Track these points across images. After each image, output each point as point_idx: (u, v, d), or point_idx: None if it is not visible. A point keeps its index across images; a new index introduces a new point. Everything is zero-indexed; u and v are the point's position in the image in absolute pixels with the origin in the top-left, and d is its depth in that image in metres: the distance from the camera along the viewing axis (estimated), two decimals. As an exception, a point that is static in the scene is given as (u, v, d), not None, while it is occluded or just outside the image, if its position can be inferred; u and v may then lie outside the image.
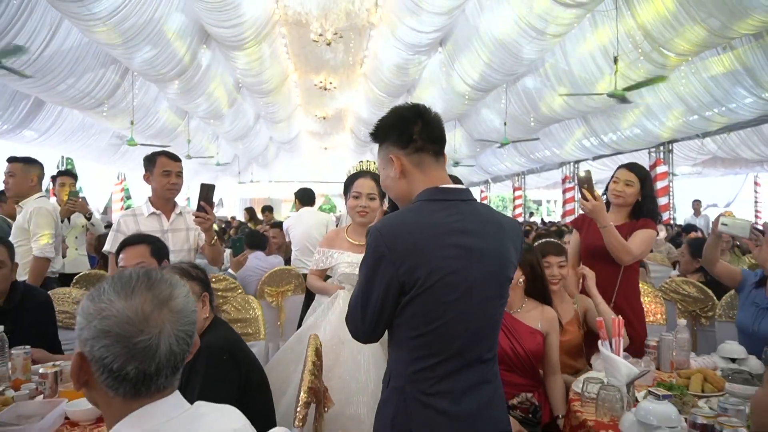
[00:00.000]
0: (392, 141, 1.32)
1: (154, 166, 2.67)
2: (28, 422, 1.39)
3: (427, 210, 1.25)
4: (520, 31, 7.40)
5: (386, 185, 1.37)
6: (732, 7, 5.39)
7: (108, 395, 0.83)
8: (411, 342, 1.23)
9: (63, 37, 7.26)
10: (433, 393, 1.21)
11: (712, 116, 8.20)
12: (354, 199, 2.32)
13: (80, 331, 0.82)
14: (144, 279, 0.84)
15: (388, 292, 1.20)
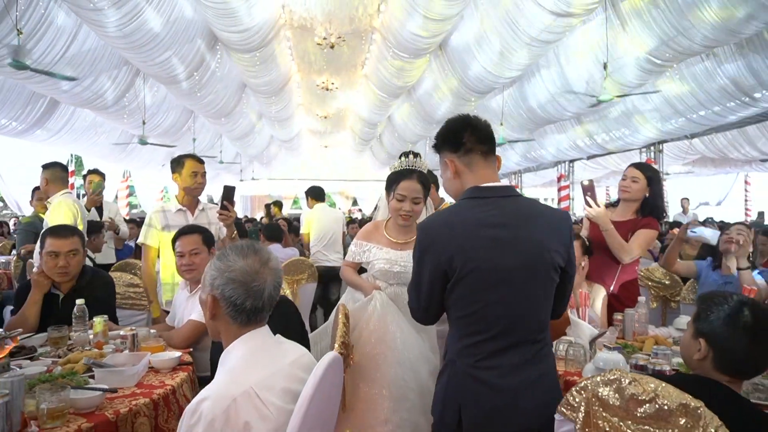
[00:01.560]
0: (447, 147, 1.52)
1: (183, 168, 3.09)
2: (124, 367, 1.80)
3: (466, 207, 1.43)
4: (515, 37, 7.79)
5: (446, 186, 1.57)
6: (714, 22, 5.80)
7: (229, 323, 1.24)
8: (459, 321, 1.41)
9: (81, 40, 7.66)
10: (479, 367, 1.37)
11: (697, 119, 8.62)
12: (398, 201, 2.23)
13: (213, 280, 1.23)
14: (251, 247, 1.25)
15: (434, 279, 1.40)
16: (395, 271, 2.27)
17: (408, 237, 2.30)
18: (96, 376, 1.73)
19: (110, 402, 1.59)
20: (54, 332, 2.23)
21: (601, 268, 2.63)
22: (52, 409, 1.41)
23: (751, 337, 1.31)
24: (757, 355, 1.33)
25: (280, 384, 1.20)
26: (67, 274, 2.47)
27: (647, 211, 2.67)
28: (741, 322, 1.33)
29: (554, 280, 1.43)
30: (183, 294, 2.59)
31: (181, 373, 1.91)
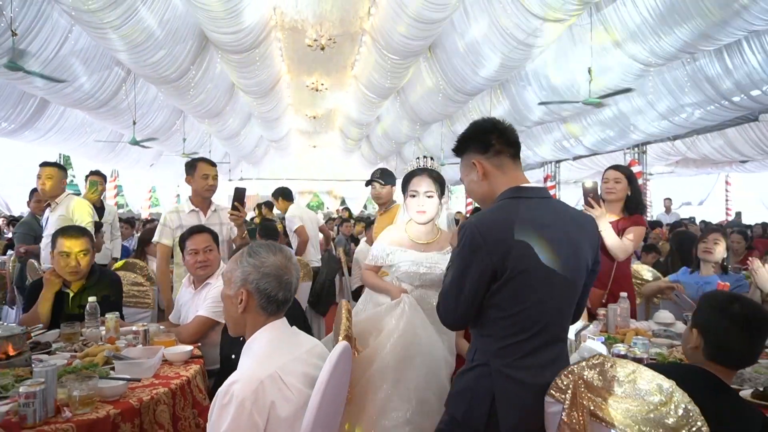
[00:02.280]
0: (473, 149, 1.50)
1: (195, 171, 3.20)
2: (142, 360, 1.91)
3: (513, 207, 1.42)
4: (503, 41, 7.97)
5: (470, 189, 1.55)
6: (693, 26, 6.01)
7: (258, 314, 1.37)
8: (499, 322, 1.40)
9: (73, 41, 7.69)
10: (516, 366, 1.38)
11: (678, 121, 8.87)
12: (411, 198, 2.28)
13: (247, 276, 1.36)
14: (276, 245, 1.38)
15: (482, 278, 1.37)
16: (421, 272, 2.28)
17: (430, 237, 2.33)
18: (116, 368, 1.84)
19: (132, 391, 1.71)
20: (67, 328, 2.33)
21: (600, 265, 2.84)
22: (83, 397, 1.52)
23: (740, 328, 1.45)
24: (745, 345, 1.47)
25: (299, 369, 1.33)
26: (77, 273, 2.58)
27: (632, 209, 2.85)
28: (731, 314, 1.47)
29: (583, 283, 1.48)
30: (187, 292, 2.70)
31: (193, 365, 2.03)
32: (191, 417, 1.86)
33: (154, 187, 21.06)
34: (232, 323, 1.43)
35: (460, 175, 1.61)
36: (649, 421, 1.22)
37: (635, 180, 2.92)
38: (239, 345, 1.78)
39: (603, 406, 1.30)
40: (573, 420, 1.34)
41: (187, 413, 1.84)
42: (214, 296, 2.47)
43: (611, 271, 2.82)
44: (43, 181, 3.73)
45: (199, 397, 1.96)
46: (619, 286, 2.78)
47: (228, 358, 2.12)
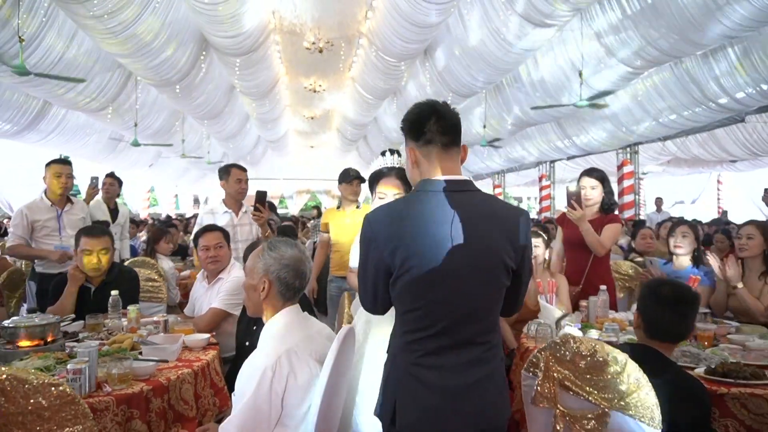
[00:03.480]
0: (409, 134, 1.44)
1: (229, 176, 3.46)
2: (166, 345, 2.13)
3: (416, 200, 1.36)
4: (496, 45, 8.20)
5: (408, 176, 1.51)
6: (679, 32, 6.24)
7: (277, 299, 1.59)
8: (402, 316, 1.36)
9: (77, 45, 7.88)
10: (420, 365, 1.32)
11: (668, 122, 9.11)
12: (380, 200, 2.21)
13: (269, 267, 1.58)
14: (292, 242, 1.60)
15: (378, 272, 1.35)
16: None
17: None
18: (144, 352, 2.06)
19: (160, 371, 1.92)
20: (91, 320, 2.55)
21: (577, 261, 3.09)
22: (120, 375, 1.74)
23: (669, 307, 1.69)
24: (675, 323, 1.72)
25: (311, 346, 1.55)
26: (99, 269, 2.79)
27: (606, 208, 3.14)
28: (661, 296, 1.72)
29: (504, 283, 1.37)
30: (201, 286, 2.92)
31: (211, 351, 2.25)
32: (210, 396, 2.08)
33: (152, 187, 21.22)
34: (252, 308, 1.65)
35: None
36: (606, 388, 1.45)
37: (608, 182, 3.20)
38: (253, 333, 2.01)
39: (570, 378, 1.53)
40: (546, 390, 1.57)
41: (206, 392, 2.06)
42: (226, 290, 2.69)
43: (586, 267, 3.07)
44: (65, 179, 3.76)
45: (216, 379, 2.18)
46: (599, 279, 3.02)
47: (243, 345, 2.34)
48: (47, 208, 3.70)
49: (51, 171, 3.73)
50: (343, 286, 3.74)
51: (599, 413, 1.49)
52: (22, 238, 3.59)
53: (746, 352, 2.11)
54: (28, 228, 3.59)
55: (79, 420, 1.22)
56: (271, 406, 1.41)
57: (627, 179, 12.05)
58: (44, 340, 2.05)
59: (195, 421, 1.92)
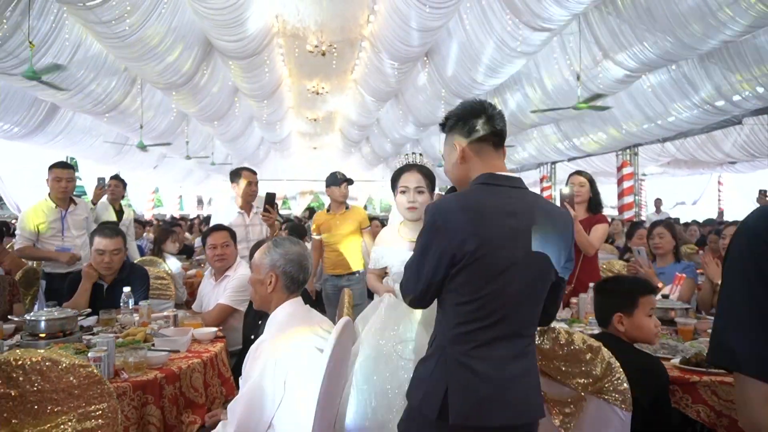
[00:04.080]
0: (457, 130, 1.47)
1: (240, 178, 3.61)
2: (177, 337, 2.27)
3: (482, 192, 1.40)
4: (496, 47, 8.33)
5: (447, 170, 1.53)
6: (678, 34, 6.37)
7: (282, 292, 1.73)
8: (457, 308, 1.36)
9: (85, 49, 8.05)
10: (472, 356, 1.33)
11: (666, 124, 9.23)
12: (401, 194, 2.23)
13: (275, 262, 1.72)
14: (296, 239, 1.74)
15: (441, 261, 1.34)
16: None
17: None
18: (156, 343, 2.20)
19: (172, 361, 2.07)
20: (104, 315, 2.69)
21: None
22: (136, 363, 1.88)
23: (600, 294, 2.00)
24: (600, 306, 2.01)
25: (312, 335, 1.69)
26: (110, 268, 2.93)
27: (593, 208, 3.27)
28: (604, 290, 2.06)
29: (551, 279, 1.43)
30: (209, 283, 3.06)
31: (218, 343, 2.39)
32: (218, 385, 2.22)
33: (157, 188, 21.41)
34: (259, 301, 1.79)
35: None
36: (581, 373, 1.58)
37: (595, 183, 3.35)
38: (258, 327, 2.15)
39: (550, 365, 1.67)
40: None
41: (214, 381, 2.20)
42: (233, 287, 2.83)
43: (577, 267, 3.19)
44: (65, 184, 3.91)
45: (223, 370, 2.32)
46: (588, 277, 3.14)
47: (248, 339, 2.47)
48: (51, 209, 3.84)
49: (52, 175, 3.88)
50: (338, 284, 3.89)
51: (576, 397, 1.62)
52: (29, 240, 3.73)
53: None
54: (34, 230, 3.73)
55: (104, 399, 1.36)
56: (275, 388, 1.55)
57: (627, 180, 12.16)
58: (63, 332, 2.20)
59: (204, 408, 2.06)
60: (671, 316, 2.63)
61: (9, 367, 1.25)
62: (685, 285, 3.13)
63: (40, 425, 1.26)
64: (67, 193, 3.93)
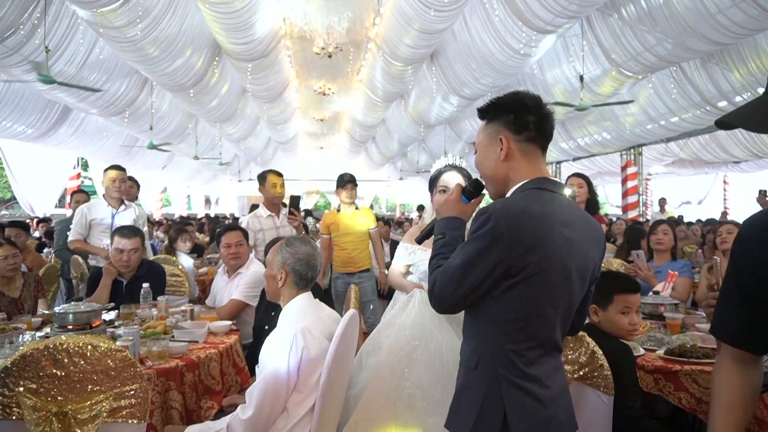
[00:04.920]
0: (506, 123, 1.32)
1: (266, 181, 3.74)
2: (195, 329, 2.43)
3: (540, 199, 1.27)
4: (500, 49, 8.46)
5: (483, 163, 1.37)
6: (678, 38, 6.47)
7: (292, 288, 1.88)
8: (509, 325, 1.24)
9: (97, 53, 8.26)
10: (526, 376, 1.23)
11: (669, 125, 9.33)
12: (441, 194, 2.23)
13: (285, 260, 1.87)
14: (305, 239, 1.89)
15: (494, 271, 1.21)
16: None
17: None
18: (176, 335, 2.36)
19: (191, 351, 2.22)
20: (125, 309, 2.86)
21: None
22: (159, 351, 2.04)
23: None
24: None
25: (321, 326, 1.84)
26: (129, 266, 3.10)
27: (591, 208, 3.40)
28: None
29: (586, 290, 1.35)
30: (222, 279, 3.23)
31: (233, 336, 2.55)
32: (233, 374, 2.38)
33: (166, 188, 21.65)
34: (271, 293, 1.94)
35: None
36: (568, 361, 1.72)
37: (592, 184, 3.48)
38: (272, 318, 2.31)
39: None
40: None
41: (230, 370, 2.36)
42: (245, 283, 3.00)
43: None
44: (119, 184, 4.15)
45: (237, 360, 2.48)
46: None
47: (262, 329, 2.62)
48: (104, 208, 4.08)
49: (108, 176, 4.13)
50: (349, 282, 4.04)
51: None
52: (80, 234, 3.96)
53: (707, 338, 2.37)
54: (87, 225, 3.96)
55: (137, 380, 1.51)
56: (288, 374, 1.70)
57: (631, 180, 12.23)
58: (89, 324, 2.36)
59: (221, 395, 2.22)
60: (661, 311, 2.77)
61: (56, 350, 1.41)
62: (682, 283, 3.26)
63: (82, 402, 1.41)
64: (120, 193, 4.18)
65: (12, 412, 1.39)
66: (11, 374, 1.38)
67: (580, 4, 6.44)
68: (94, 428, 1.40)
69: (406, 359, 1.99)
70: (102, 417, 1.42)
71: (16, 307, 3.01)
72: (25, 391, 1.37)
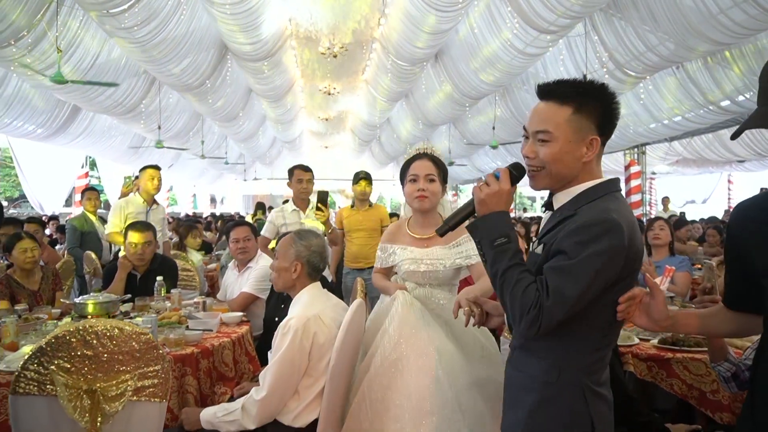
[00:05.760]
0: (595, 120, 1.22)
1: (293, 176, 3.76)
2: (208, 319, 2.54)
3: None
4: (503, 49, 8.54)
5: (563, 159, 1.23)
6: (680, 38, 6.54)
7: (305, 278, 1.98)
8: (598, 331, 1.21)
9: (107, 53, 8.40)
10: (602, 383, 1.23)
11: (672, 124, 9.39)
12: (411, 183, 2.10)
13: (300, 253, 1.97)
14: (315, 232, 2.00)
15: (606, 281, 1.16)
16: (422, 270, 2.09)
17: (431, 231, 1.97)
18: (191, 324, 2.47)
19: (205, 339, 2.33)
20: (139, 301, 2.97)
21: None
22: (176, 339, 2.15)
23: None
24: None
25: (330, 314, 1.95)
26: (143, 259, 3.22)
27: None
28: None
29: None
30: (233, 274, 3.34)
31: (244, 326, 2.65)
32: (245, 362, 2.49)
33: (171, 186, 21.82)
34: (282, 285, 2.04)
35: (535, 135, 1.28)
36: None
37: None
38: (282, 310, 2.41)
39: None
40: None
41: (242, 359, 2.46)
42: (255, 277, 3.11)
43: None
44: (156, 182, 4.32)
45: (249, 349, 2.59)
46: None
47: (272, 320, 2.73)
48: (139, 204, 4.23)
49: (146, 175, 4.31)
50: (359, 277, 4.14)
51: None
52: (118, 226, 4.11)
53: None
54: (124, 219, 4.09)
55: (159, 362, 1.62)
56: (300, 358, 1.81)
57: (634, 179, 12.29)
58: (108, 314, 2.47)
59: (234, 381, 2.33)
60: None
61: (86, 332, 1.52)
62: (681, 278, 3.36)
63: (109, 380, 1.52)
64: (157, 190, 4.35)
65: (46, 388, 1.50)
66: (46, 354, 1.50)
67: (583, 4, 6.52)
68: (120, 405, 1.51)
69: (392, 368, 1.90)
70: (127, 395, 1.53)
71: (35, 299, 3.13)
72: (57, 370, 1.48)
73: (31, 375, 1.48)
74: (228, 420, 1.80)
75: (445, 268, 2.08)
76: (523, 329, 1.16)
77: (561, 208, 1.26)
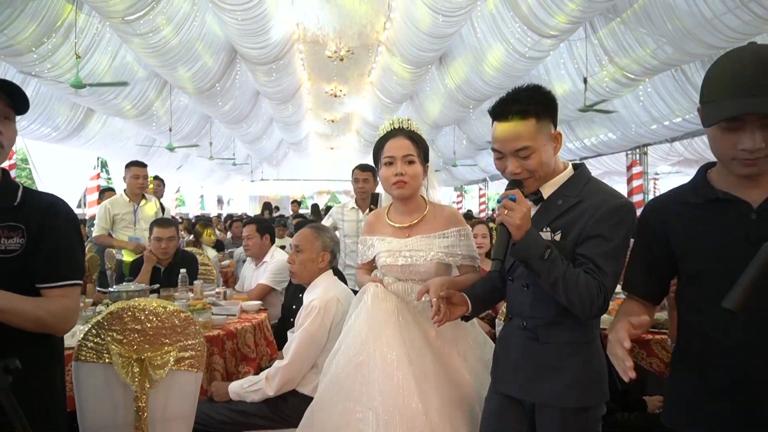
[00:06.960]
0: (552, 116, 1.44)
1: (352, 176, 3.88)
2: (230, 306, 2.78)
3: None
4: (506, 53, 8.76)
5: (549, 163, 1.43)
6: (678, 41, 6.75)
7: (327, 267, 2.22)
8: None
9: (121, 57, 8.68)
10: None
11: (672, 125, 9.57)
12: (387, 167, 1.75)
13: (327, 244, 2.21)
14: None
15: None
16: (399, 264, 1.77)
17: (414, 218, 1.80)
18: (215, 310, 2.71)
19: (229, 323, 2.58)
20: (164, 292, 3.21)
21: None
22: (203, 322, 2.39)
23: None
24: None
25: (347, 296, 2.19)
26: (167, 253, 3.46)
27: None
28: None
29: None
30: (250, 267, 3.60)
31: (263, 313, 2.90)
32: (264, 345, 2.73)
33: (179, 187, 22.11)
34: (308, 276, 2.24)
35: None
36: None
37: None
38: (299, 300, 2.65)
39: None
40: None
41: (262, 342, 2.70)
42: (271, 269, 3.36)
43: None
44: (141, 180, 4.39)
45: (267, 334, 2.83)
46: None
47: (290, 308, 2.96)
48: (126, 203, 4.33)
49: (130, 172, 4.36)
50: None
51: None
52: (104, 229, 4.23)
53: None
54: (110, 220, 4.22)
55: (196, 336, 1.86)
56: (321, 334, 2.05)
57: (636, 179, 12.46)
58: (140, 302, 2.71)
59: (255, 362, 2.57)
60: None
61: (136, 309, 1.76)
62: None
63: (155, 351, 1.76)
64: (142, 189, 4.41)
65: (102, 357, 1.74)
66: (102, 327, 1.74)
67: (584, 9, 6.74)
68: (164, 373, 1.75)
69: (354, 373, 1.62)
70: (170, 364, 1.77)
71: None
72: (112, 341, 1.73)
73: (91, 345, 1.72)
74: (253, 389, 2.05)
75: (425, 260, 1.74)
76: (595, 313, 1.32)
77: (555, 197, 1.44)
